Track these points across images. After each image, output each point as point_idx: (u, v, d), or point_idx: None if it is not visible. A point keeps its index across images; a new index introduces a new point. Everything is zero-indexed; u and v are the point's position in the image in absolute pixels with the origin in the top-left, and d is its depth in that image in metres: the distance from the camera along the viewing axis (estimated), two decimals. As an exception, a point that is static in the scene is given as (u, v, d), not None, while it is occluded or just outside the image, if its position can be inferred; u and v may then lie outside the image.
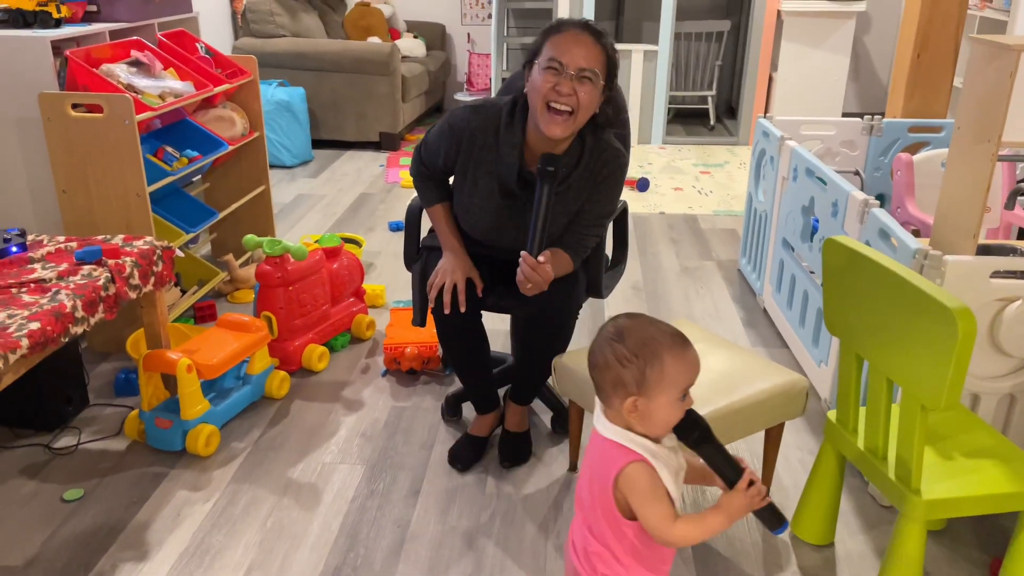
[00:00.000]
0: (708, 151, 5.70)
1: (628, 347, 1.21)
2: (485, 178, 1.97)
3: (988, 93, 1.80)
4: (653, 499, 1.20)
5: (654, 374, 1.19)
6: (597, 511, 1.26)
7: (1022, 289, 1.80)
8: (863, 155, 3.27)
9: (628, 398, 1.20)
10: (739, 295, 3.29)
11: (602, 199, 1.99)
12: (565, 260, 1.98)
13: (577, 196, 1.96)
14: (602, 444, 1.25)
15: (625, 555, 1.26)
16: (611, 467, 1.22)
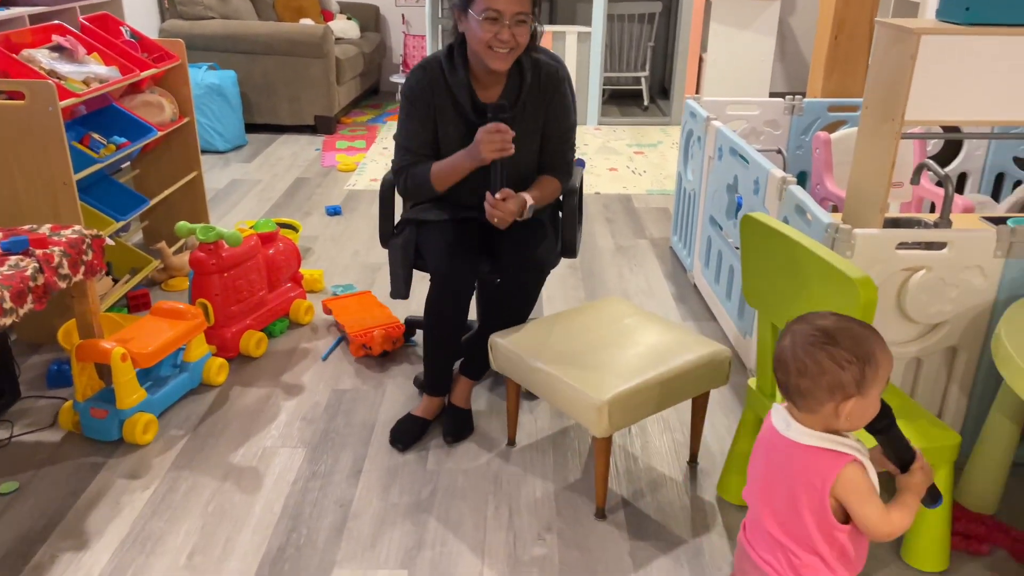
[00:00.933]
0: (642, 132, 5.81)
1: (845, 348, 1.17)
2: (451, 124, 2.10)
3: (892, 74, 1.91)
4: (871, 497, 1.20)
5: (871, 372, 1.17)
6: (806, 521, 1.22)
7: (926, 259, 1.92)
8: (786, 134, 3.39)
9: (847, 400, 1.17)
10: (671, 272, 3.39)
11: (559, 113, 2.16)
12: (553, 184, 2.20)
13: (534, 116, 2.13)
14: (803, 452, 1.21)
15: (835, 561, 1.24)
16: (825, 474, 1.19)
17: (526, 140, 2.12)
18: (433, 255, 2.12)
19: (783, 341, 1.23)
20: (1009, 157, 3.43)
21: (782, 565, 1.26)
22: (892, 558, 1.82)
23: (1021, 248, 1.89)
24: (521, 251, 2.11)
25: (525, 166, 2.17)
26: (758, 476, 1.30)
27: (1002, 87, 1.89)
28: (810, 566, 1.24)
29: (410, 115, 2.11)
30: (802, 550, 1.24)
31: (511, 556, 1.83)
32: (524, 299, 2.17)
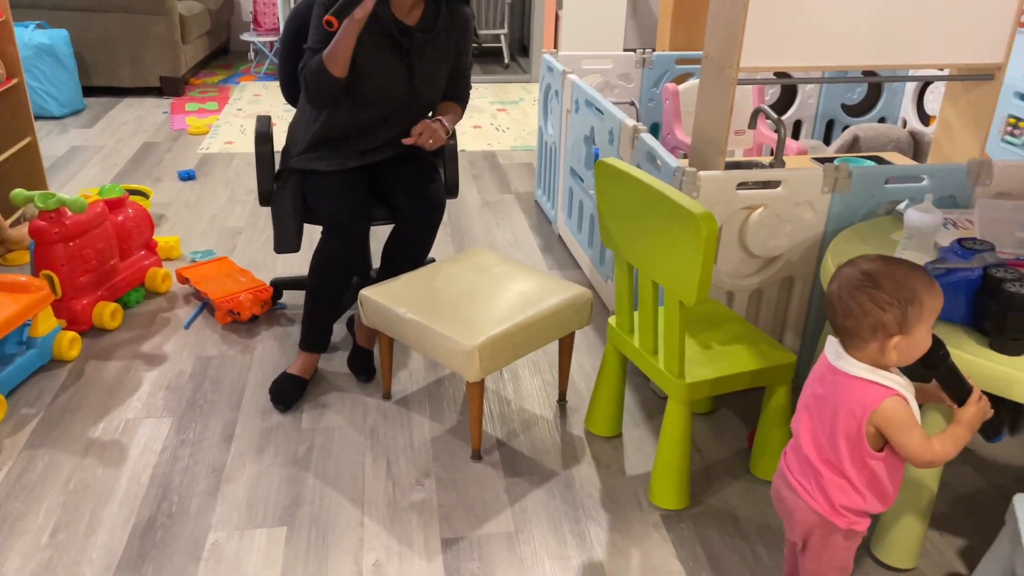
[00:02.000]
0: (504, 89, 5.86)
1: (887, 291, 1.22)
2: (372, 39, 2.13)
3: (727, 24, 2.03)
4: (912, 428, 1.26)
5: (915, 312, 1.22)
6: (840, 445, 1.29)
7: (763, 198, 2.08)
8: (638, 87, 3.53)
9: (891, 339, 1.24)
10: (536, 224, 3.48)
11: (467, 47, 2.33)
12: (458, 111, 2.38)
13: (446, 45, 2.25)
14: (849, 382, 1.28)
15: (863, 486, 1.31)
16: (866, 405, 1.26)
17: (437, 66, 2.25)
18: (327, 206, 2.13)
19: (832, 284, 1.29)
20: (838, 104, 3.72)
21: (812, 486, 1.35)
22: (742, 471, 1.99)
23: (844, 184, 2.08)
24: (419, 191, 2.21)
25: (434, 90, 2.28)
26: (806, 401, 1.38)
27: (827, 35, 2.05)
28: (838, 487, 1.32)
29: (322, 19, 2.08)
30: (832, 473, 1.32)
31: (391, 503, 1.87)
32: (426, 239, 2.26)
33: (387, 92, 2.18)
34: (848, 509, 1.33)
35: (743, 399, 2.27)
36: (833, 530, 1.35)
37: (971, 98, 2.26)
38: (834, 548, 1.37)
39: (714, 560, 1.73)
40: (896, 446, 1.28)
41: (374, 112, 2.21)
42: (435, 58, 2.23)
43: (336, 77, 2.08)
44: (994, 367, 1.45)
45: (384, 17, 2.13)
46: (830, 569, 1.40)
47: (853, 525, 1.34)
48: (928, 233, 1.77)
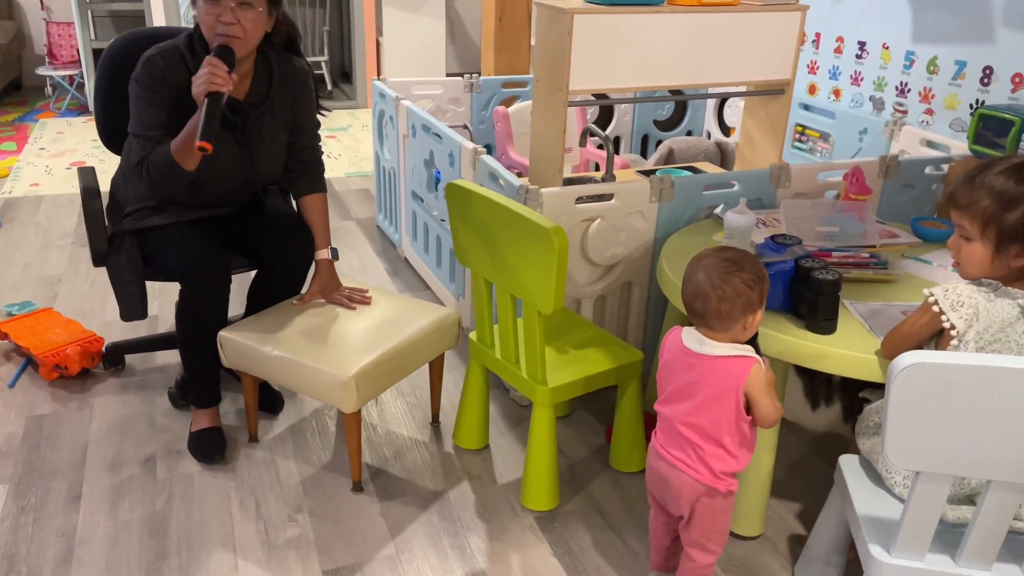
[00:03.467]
0: (330, 116, 5.80)
1: (751, 272, 1.41)
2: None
3: (554, 50, 2.17)
4: (771, 387, 1.46)
5: (765, 288, 1.44)
6: (720, 418, 1.45)
7: (599, 210, 2.23)
8: (468, 110, 3.64)
9: (755, 314, 1.43)
10: (381, 249, 3.49)
11: (308, 108, 2.14)
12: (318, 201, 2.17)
13: (282, 118, 2.07)
14: (721, 362, 1.44)
15: (736, 448, 1.47)
16: (739, 376, 1.43)
17: (275, 138, 2.08)
18: (179, 258, 1.97)
19: (697, 276, 1.44)
20: (650, 120, 4.03)
21: (694, 460, 1.49)
22: (603, 466, 2.12)
23: (669, 193, 2.27)
24: (285, 242, 2.11)
25: (272, 161, 2.11)
26: (673, 389, 1.50)
27: (642, 58, 2.24)
28: (716, 456, 1.48)
29: (151, 103, 1.91)
30: (711, 445, 1.47)
31: (264, 543, 1.82)
32: (297, 285, 2.18)
33: (224, 174, 2.03)
34: (725, 473, 1.49)
35: (596, 399, 2.41)
36: (716, 495, 1.50)
37: (767, 111, 2.55)
38: (717, 511, 1.53)
39: (587, 553, 1.83)
40: (758, 406, 1.46)
41: (214, 191, 2.06)
42: (272, 130, 2.06)
43: (186, 171, 1.91)
44: (810, 345, 1.65)
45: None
46: (713, 532, 1.56)
47: (731, 487, 1.51)
48: (745, 232, 1.98)
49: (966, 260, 1.39)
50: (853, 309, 1.78)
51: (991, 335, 1.36)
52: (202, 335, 2.04)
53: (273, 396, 2.30)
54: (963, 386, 1.18)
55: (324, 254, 2.16)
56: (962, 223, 1.38)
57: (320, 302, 2.15)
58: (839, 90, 3.32)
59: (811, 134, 3.38)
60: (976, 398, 1.18)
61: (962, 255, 1.40)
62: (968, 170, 1.38)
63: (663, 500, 1.59)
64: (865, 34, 3.15)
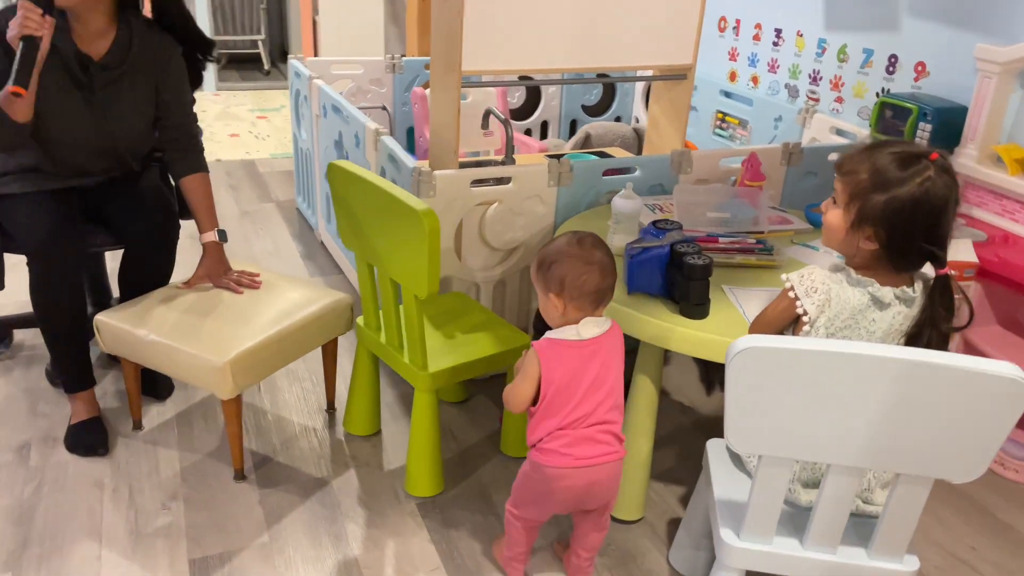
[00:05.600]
0: (265, 96, 5.70)
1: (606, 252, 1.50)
2: (50, 74, 1.86)
3: (448, 30, 2.13)
4: None
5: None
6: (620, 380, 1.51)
7: (496, 193, 2.20)
8: (391, 92, 3.59)
9: None
10: (298, 232, 3.43)
11: (178, 83, 2.06)
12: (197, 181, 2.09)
13: (146, 79, 2.00)
14: (615, 334, 1.52)
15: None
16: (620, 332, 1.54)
17: (137, 107, 2.01)
18: (27, 232, 1.89)
19: (598, 253, 1.47)
20: (578, 105, 4.01)
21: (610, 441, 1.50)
22: (494, 452, 2.11)
23: (567, 178, 2.25)
24: (148, 217, 2.05)
25: (133, 131, 2.04)
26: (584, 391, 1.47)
27: (536, 39, 2.21)
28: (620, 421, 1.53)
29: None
30: (619, 413, 1.52)
31: (133, 532, 1.77)
32: (162, 262, 2.11)
33: (73, 136, 1.96)
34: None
35: (496, 384, 2.39)
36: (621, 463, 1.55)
37: (671, 96, 2.54)
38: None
39: (465, 539, 1.81)
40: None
41: (71, 154, 1.99)
42: (133, 99, 1.99)
43: (20, 123, 1.82)
44: (684, 331, 1.65)
45: (62, 48, 1.87)
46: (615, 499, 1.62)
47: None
48: (632, 217, 1.97)
49: (825, 224, 1.40)
50: (731, 294, 1.79)
51: (842, 321, 1.36)
52: (58, 314, 1.96)
53: (161, 381, 2.24)
54: (797, 370, 1.18)
55: (210, 236, 2.10)
56: (838, 187, 1.37)
57: (207, 286, 2.09)
58: (757, 77, 3.33)
59: (731, 121, 3.39)
60: (811, 382, 1.18)
61: (825, 218, 1.40)
62: (871, 143, 1.38)
63: (583, 504, 1.56)
64: (782, 21, 3.16)
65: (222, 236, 2.13)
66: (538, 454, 1.50)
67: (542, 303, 1.51)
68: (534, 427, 1.51)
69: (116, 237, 2.13)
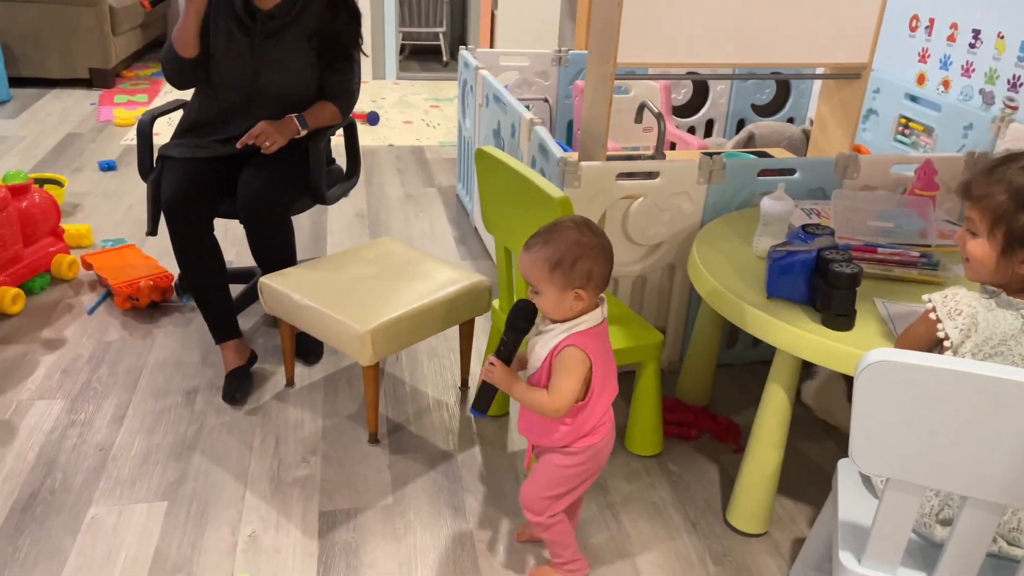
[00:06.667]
0: (440, 86, 5.92)
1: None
2: (223, 20, 2.17)
3: (606, 21, 2.12)
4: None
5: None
6: None
7: (642, 188, 2.18)
8: (555, 84, 3.62)
9: None
10: (455, 217, 3.55)
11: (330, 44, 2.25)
12: (329, 109, 2.32)
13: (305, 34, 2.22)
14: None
15: None
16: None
17: (291, 55, 2.22)
18: (166, 191, 2.15)
19: (605, 236, 1.44)
20: (748, 104, 3.86)
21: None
22: (618, 447, 2.09)
23: (719, 176, 2.19)
24: (252, 187, 2.18)
25: (287, 81, 2.24)
26: (612, 367, 1.51)
27: (698, 33, 2.16)
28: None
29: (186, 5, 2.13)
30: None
31: (274, 479, 1.92)
32: (267, 238, 2.20)
33: (234, 77, 2.20)
34: None
35: (625, 380, 2.36)
36: None
37: (842, 96, 2.40)
38: None
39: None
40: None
41: (228, 98, 2.23)
42: (287, 47, 2.21)
43: (183, 57, 2.12)
44: (824, 342, 1.56)
45: (240, 3, 2.17)
46: None
47: None
48: (781, 219, 1.88)
49: (969, 258, 1.27)
50: (883, 308, 1.67)
51: (991, 348, 1.23)
52: (190, 270, 2.17)
53: (313, 347, 2.40)
54: (934, 390, 1.08)
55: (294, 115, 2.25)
56: (972, 215, 1.26)
57: (363, 262, 2.20)
58: (948, 81, 3.06)
59: (915, 127, 3.14)
60: (948, 405, 1.08)
61: (967, 251, 1.28)
62: (990, 161, 1.25)
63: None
64: (981, 21, 2.89)
65: (301, 121, 2.26)
66: (591, 438, 1.50)
67: (555, 300, 1.41)
68: (588, 416, 1.48)
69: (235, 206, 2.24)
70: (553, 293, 1.41)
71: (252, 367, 2.29)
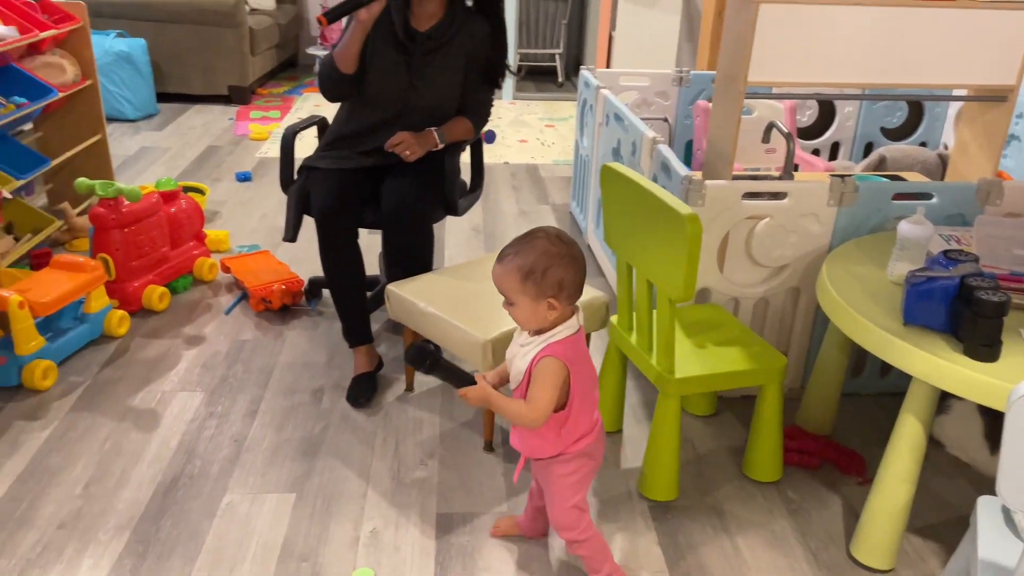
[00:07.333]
0: (555, 106, 5.99)
1: None
2: (381, 40, 2.29)
3: (737, 40, 2.11)
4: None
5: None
6: None
7: (768, 208, 2.14)
8: (675, 104, 3.61)
9: None
10: (568, 233, 3.58)
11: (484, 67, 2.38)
12: (463, 124, 2.43)
13: (454, 60, 2.34)
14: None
15: None
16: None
17: (442, 73, 2.34)
18: (316, 198, 2.27)
19: (576, 246, 1.51)
20: (877, 127, 3.73)
21: None
22: (734, 470, 2.05)
23: (850, 198, 2.13)
24: (397, 196, 2.27)
25: (437, 97, 2.37)
26: (592, 368, 1.57)
27: (833, 52, 2.11)
28: None
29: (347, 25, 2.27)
30: None
31: (394, 478, 1.99)
32: (409, 246, 2.29)
33: (388, 92, 2.32)
34: None
35: (747, 404, 2.32)
36: None
37: (986, 119, 2.29)
38: None
39: (693, 549, 1.79)
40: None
41: (380, 112, 2.34)
42: (442, 66, 2.33)
43: (343, 73, 2.25)
44: (966, 372, 1.49)
45: (395, 21, 2.29)
46: None
47: None
48: (920, 244, 1.81)
49: None
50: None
51: None
52: (335, 275, 2.28)
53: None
54: (1098, 427, 1.02)
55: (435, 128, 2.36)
56: None
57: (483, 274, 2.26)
58: (1104, 104, 2.87)
59: (1063, 153, 2.96)
60: (1113, 443, 1.02)
61: None
62: None
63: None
64: None
65: (439, 135, 2.35)
66: (583, 443, 1.53)
67: (529, 311, 1.44)
68: (574, 426, 1.51)
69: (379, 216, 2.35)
70: (527, 303, 1.44)
71: (379, 372, 2.37)
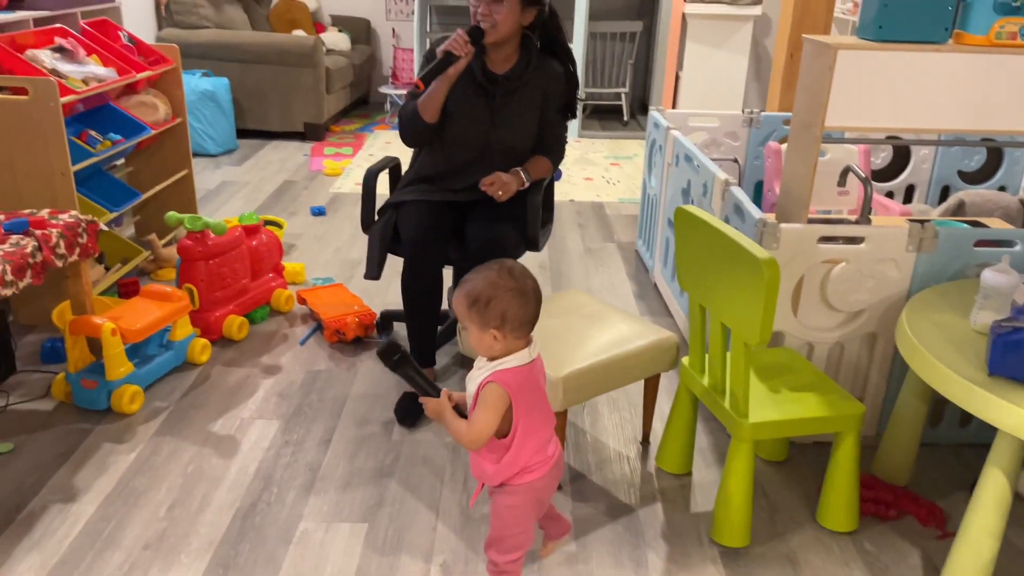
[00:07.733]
0: (620, 145, 6.03)
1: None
2: (462, 86, 2.37)
3: (814, 84, 2.12)
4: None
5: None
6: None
7: (845, 252, 2.12)
8: (744, 145, 3.61)
9: None
10: (634, 272, 3.59)
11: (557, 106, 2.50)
12: (544, 163, 2.53)
13: (531, 99, 2.45)
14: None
15: None
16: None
17: (521, 113, 2.44)
18: (407, 229, 2.38)
19: (530, 281, 1.49)
20: (954, 171, 3.66)
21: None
22: (808, 520, 2.01)
23: (931, 244, 2.10)
24: (484, 231, 2.36)
25: (518, 136, 2.47)
26: (543, 391, 1.57)
27: (911, 98, 2.10)
28: None
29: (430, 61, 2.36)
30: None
31: (463, 513, 2.01)
32: None
33: (471, 135, 2.41)
34: None
35: (822, 451, 2.28)
36: None
37: (1073, 165, 2.23)
38: None
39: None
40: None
41: (462, 154, 2.43)
42: (520, 106, 2.43)
43: (427, 123, 2.35)
44: (1057, 426, 1.45)
45: (475, 66, 2.37)
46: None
47: None
48: (1005, 294, 1.77)
49: None
50: None
51: None
52: (414, 302, 2.39)
53: None
54: None
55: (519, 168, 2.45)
56: None
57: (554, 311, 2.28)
58: None
59: None
60: None
61: None
62: None
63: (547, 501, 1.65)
64: None
65: (526, 175, 2.45)
66: (524, 475, 1.53)
67: (476, 338, 1.48)
68: (515, 456, 1.51)
69: (464, 251, 2.42)
70: (474, 330, 1.48)
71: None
